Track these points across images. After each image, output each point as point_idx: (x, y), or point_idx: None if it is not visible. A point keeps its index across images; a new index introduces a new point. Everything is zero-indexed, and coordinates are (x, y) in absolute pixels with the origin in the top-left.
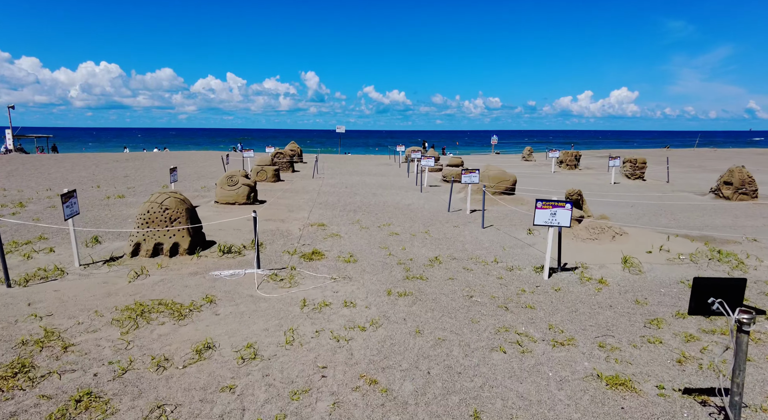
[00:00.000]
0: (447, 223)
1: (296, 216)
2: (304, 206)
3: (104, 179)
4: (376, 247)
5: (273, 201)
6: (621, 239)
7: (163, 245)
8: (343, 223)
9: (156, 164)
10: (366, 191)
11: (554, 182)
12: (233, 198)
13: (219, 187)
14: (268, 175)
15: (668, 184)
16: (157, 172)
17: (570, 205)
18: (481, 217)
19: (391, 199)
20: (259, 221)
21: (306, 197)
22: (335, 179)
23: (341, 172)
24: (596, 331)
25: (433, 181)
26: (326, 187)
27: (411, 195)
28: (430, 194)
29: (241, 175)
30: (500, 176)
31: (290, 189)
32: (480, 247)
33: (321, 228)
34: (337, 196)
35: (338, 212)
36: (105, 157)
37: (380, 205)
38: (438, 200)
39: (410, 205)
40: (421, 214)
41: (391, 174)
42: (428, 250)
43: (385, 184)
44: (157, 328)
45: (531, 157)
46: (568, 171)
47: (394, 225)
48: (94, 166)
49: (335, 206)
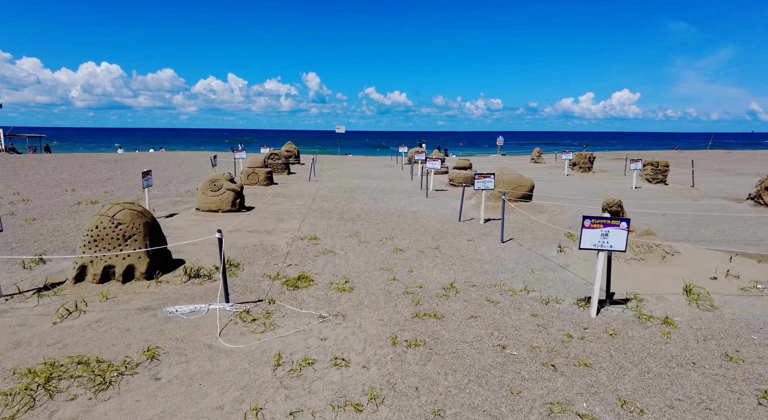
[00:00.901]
0: (459, 235)
1: (285, 226)
2: (296, 214)
3: (84, 182)
4: (377, 269)
5: (262, 207)
6: (673, 260)
7: (115, 268)
8: (339, 235)
9: (146, 165)
10: (366, 196)
11: (571, 186)
12: (216, 205)
13: (200, 193)
14: (260, 178)
15: (694, 189)
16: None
17: (627, 224)
18: (500, 230)
19: (394, 206)
20: (241, 233)
21: (299, 203)
22: (333, 182)
23: (340, 174)
24: (691, 409)
25: (439, 184)
26: (323, 192)
27: (416, 201)
28: (436, 200)
29: (226, 180)
30: (516, 181)
31: (283, 193)
32: (503, 268)
33: (313, 242)
34: (334, 202)
35: (334, 221)
36: (95, 157)
37: (382, 213)
38: (446, 207)
39: (416, 212)
40: (428, 223)
41: (393, 177)
42: (440, 272)
43: (388, 188)
44: (61, 407)
45: (540, 159)
46: (582, 174)
47: (398, 238)
48: (78, 168)
49: (331, 214)
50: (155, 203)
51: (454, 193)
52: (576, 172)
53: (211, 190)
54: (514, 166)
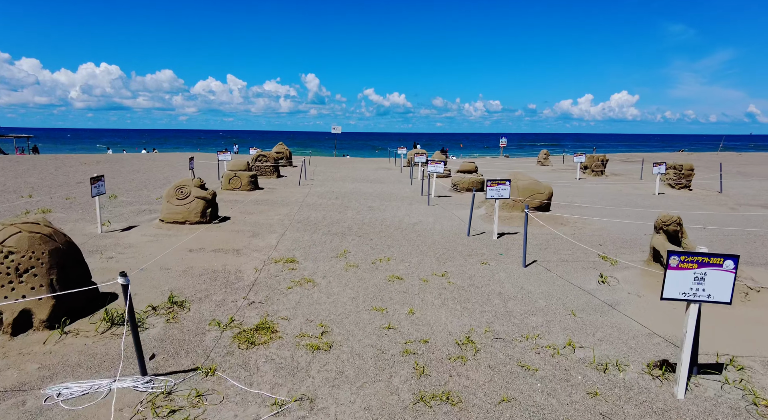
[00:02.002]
0: (471, 256)
1: (260, 244)
2: (276, 226)
3: (50, 186)
4: (367, 308)
5: (238, 218)
6: (760, 299)
7: (3, 316)
8: (323, 256)
9: (128, 168)
10: (360, 203)
11: (586, 192)
12: (182, 216)
13: (165, 201)
14: (243, 182)
15: (723, 196)
16: (120, 178)
17: (734, 263)
18: (522, 250)
19: (391, 216)
20: (204, 253)
21: (283, 212)
22: (325, 187)
23: (334, 177)
24: None
25: (442, 189)
26: (312, 198)
27: (417, 209)
28: (439, 208)
29: (195, 185)
30: (533, 188)
31: (267, 200)
32: (532, 306)
33: (289, 267)
34: (323, 211)
35: (320, 237)
36: (80, 158)
37: (377, 225)
38: (451, 217)
39: (417, 224)
40: (431, 239)
41: (391, 180)
42: (451, 314)
43: (385, 194)
44: None
45: (547, 161)
46: (595, 178)
47: (395, 259)
48: (54, 170)
49: (318, 226)
50: (117, 212)
51: (458, 199)
52: (588, 175)
53: (178, 199)
54: (520, 169)
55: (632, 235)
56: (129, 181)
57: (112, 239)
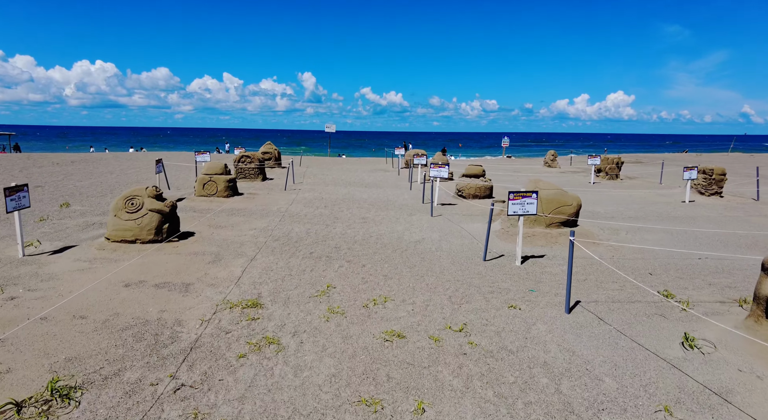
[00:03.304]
0: (493, 292)
1: (219, 273)
2: (246, 246)
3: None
4: (353, 401)
5: (204, 233)
6: None
7: None
8: (298, 295)
9: (102, 168)
10: (353, 213)
11: (605, 198)
12: (133, 232)
13: (112, 215)
14: (219, 187)
15: (760, 204)
16: (89, 180)
17: None
18: (566, 291)
19: (389, 230)
20: (143, 289)
21: (260, 225)
22: (314, 192)
23: (325, 180)
24: None
25: (445, 196)
26: (297, 207)
27: (418, 221)
28: (445, 220)
29: (150, 195)
30: (559, 199)
31: (244, 210)
32: (598, 391)
33: (249, 314)
34: (307, 224)
35: (299, 262)
36: (56, 157)
37: (372, 244)
38: (460, 233)
39: (419, 242)
40: (439, 264)
41: (388, 184)
42: (480, 410)
43: (381, 201)
44: None
45: (555, 163)
46: (611, 182)
47: (395, 299)
48: (18, 171)
49: (298, 246)
50: (60, 226)
51: (464, 208)
52: (602, 179)
53: (127, 212)
54: (527, 171)
55: (684, 258)
56: (96, 185)
57: (32, 267)
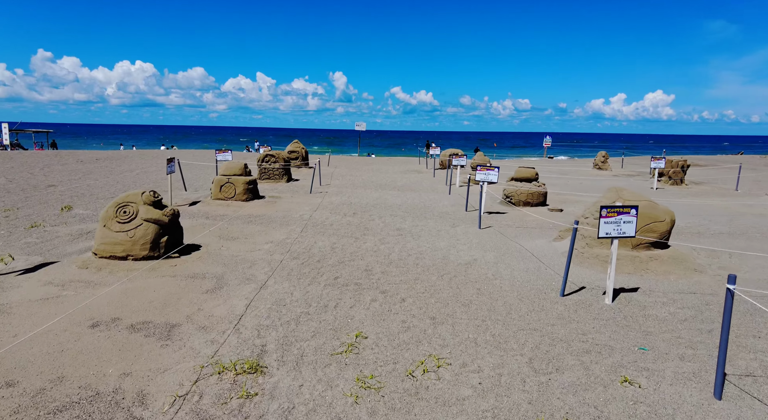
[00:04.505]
0: (590, 352)
1: (217, 309)
2: (258, 267)
3: (9, 190)
4: None
5: (212, 247)
6: None
7: None
8: (314, 350)
9: (124, 166)
10: (386, 223)
11: (685, 210)
12: (124, 247)
13: (102, 226)
14: (238, 190)
15: None
16: (105, 179)
17: None
18: (718, 359)
19: (430, 247)
20: (116, 331)
21: (278, 237)
22: (342, 196)
23: (354, 182)
24: None
25: (490, 202)
26: (323, 213)
27: (464, 234)
28: (496, 233)
29: (146, 202)
30: (648, 213)
31: (262, 216)
32: None
33: (244, 387)
34: (333, 236)
35: (319, 291)
36: (82, 155)
37: (411, 266)
38: (521, 253)
39: (471, 265)
40: (503, 300)
41: (423, 187)
42: None
43: (418, 208)
44: None
45: (606, 165)
46: (675, 188)
47: (451, 362)
48: (39, 169)
49: (320, 268)
50: (50, 234)
51: (516, 218)
52: (664, 184)
53: (119, 222)
54: (575, 173)
55: None
56: (111, 185)
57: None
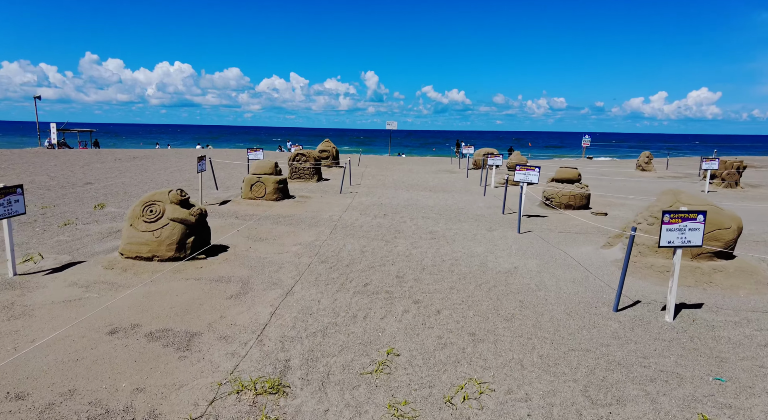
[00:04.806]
0: (655, 380)
1: (240, 317)
2: (285, 271)
3: (50, 186)
4: None
5: (239, 248)
6: None
7: None
8: (343, 367)
9: (159, 164)
10: (418, 226)
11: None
12: (149, 247)
13: (128, 225)
14: (268, 189)
15: None
16: (139, 177)
17: None
18: None
19: (466, 251)
20: (134, 339)
21: (307, 238)
22: (373, 196)
23: (385, 182)
24: None
25: (528, 204)
26: (352, 214)
27: (503, 239)
28: (537, 238)
29: (173, 201)
30: (713, 219)
31: (292, 216)
32: None
33: (264, 409)
34: (363, 239)
35: (347, 300)
36: (120, 153)
37: (446, 273)
38: (565, 261)
39: (511, 274)
40: (550, 315)
41: (456, 188)
42: None
43: (451, 209)
44: None
45: (650, 166)
46: (729, 191)
47: (494, 388)
48: (80, 167)
49: (349, 273)
50: (81, 233)
51: (557, 222)
52: (716, 186)
53: (146, 221)
54: (616, 174)
55: None
56: (144, 182)
57: (13, 293)
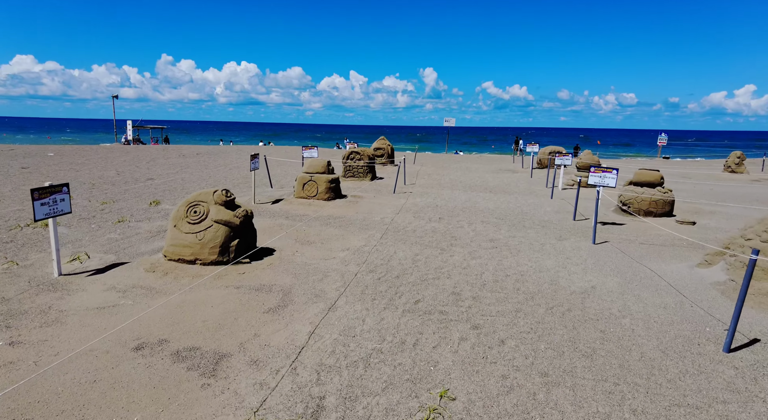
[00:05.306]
0: None
1: (275, 336)
2: (330, 280)
3: (116, 182)
4: None
5: (285, 252)
6: None
7: None
8: (386, 414)
9: (219, 160)
10: (476, 232)
11: None
12: (192, 250)
13: (172, 226)
14: (320, 189)
15: None
16: (199, 173)
17: None
18: None
19: (533, 265)
20: (159, 358)
21: (356, 243)
22: (427, 197)
23: (441, 182)
24: None
25: (601, 209)
26: (405, 217)
27: (575, 250)
28: (614, 250)
29: (218, 201)
30: None
31: (342, 218)
32: None
33: None
34: (415, 245)
35: (396, 321)
36: (185, 149)
37: (509, 290)
38: (651, 280)
39: (588, 295)
40: (640, 352)
41: (519, 189)
42: None
43: (514, 214)
44: None
45: (742, 167)
46: None
47: None
48: (147, 162)
49: (399, 285)
50: (131, 231)
51: (638, 231)
52: None
53: (189, 222)
54: (700, 177)
55: None
56: (203, 179)
57: (54, 295)
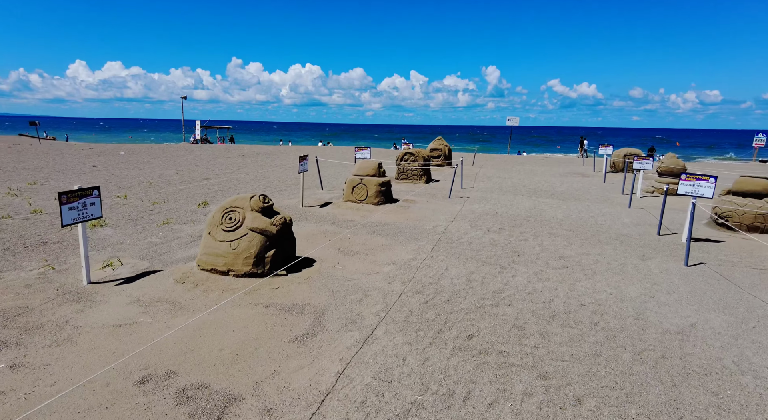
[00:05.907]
0: None
1: (297, 374)
2: (370, 299)
3: (159, 183)
4: None
5: (325, 264)
6: None
7: None
8: None
9: (277, 161)
10: (543, 246)
11: None
12: (225, 260)
13: (207, 233)
14: (370, 192)
15: None
16: (255, 173)
17: None
18: None
19: (613, 292)
20: (164, 393)
21: (403, 256)
22: (486, 203)
23: (502, 186)
24: None
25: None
26: (460, 226)
27: (664, 274)
28: (714, 274)
29: (255, 208)
30: None
31: (391, 225)
32: None
33: None
34: (470, 262)
35: (444, 364)
36: (246, 149)
37: (585, 324)
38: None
39: (686, 336)
40: None
41: (591, 195)
42: None
43: (587, 226)
44: None
45: None
46: None
47: None
48: (207, 161)
49: (450, 312)
50: (172, 235)
51: (741, 250)
52: None
53: (224, 229)
54: None
55: None
56: (257, 180)
57: (77, 306)
